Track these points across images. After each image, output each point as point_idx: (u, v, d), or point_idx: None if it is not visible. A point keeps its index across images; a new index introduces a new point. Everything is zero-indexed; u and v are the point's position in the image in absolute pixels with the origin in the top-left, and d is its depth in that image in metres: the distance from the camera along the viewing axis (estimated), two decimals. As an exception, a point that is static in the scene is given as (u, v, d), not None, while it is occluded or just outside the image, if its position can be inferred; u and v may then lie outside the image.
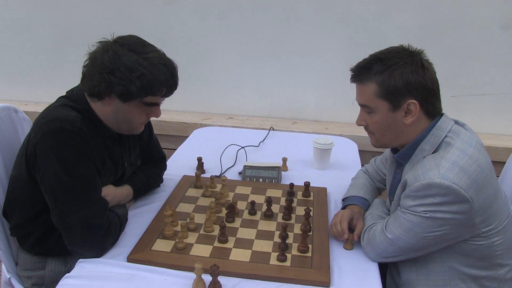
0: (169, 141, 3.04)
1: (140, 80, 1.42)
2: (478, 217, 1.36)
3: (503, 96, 2.85)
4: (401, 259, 1.50)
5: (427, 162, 1.40)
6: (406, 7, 2.77)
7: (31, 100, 3.28)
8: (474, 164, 1.36)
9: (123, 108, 1.49)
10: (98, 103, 1.50)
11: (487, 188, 1.37)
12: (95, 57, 1.45)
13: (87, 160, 1.45)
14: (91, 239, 1.43)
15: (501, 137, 2.89)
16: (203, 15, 3.00)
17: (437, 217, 1.35)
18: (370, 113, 1.50)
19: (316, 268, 1.42)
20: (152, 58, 1.45)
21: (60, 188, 1.41)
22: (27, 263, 1.62)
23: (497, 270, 1.47)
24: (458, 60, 2.83)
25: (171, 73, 1.49)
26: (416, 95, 1.42)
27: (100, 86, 1.44)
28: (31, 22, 3.19)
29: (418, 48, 1.49)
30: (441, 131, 1.45)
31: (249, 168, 2.04)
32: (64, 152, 1.40)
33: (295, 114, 3.17)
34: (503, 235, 1.45)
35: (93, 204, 1.44)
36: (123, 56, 1.42)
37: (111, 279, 1.36)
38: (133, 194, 1.74)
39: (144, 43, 1.50)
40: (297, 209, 1.77)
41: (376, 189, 1.87)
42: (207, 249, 1.50)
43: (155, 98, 1.50)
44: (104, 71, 1.42)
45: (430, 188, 1.34)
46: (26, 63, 3.29)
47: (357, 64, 1.51)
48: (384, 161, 1.85)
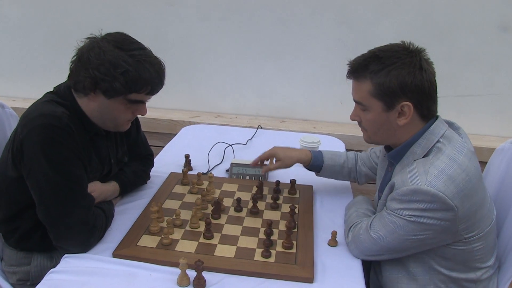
0: (158, 139, 3.04)
1: (124, 76, 1.42)
2: (462, 224, 1.37)
3: (487, 97, 2.89)
4: (383, 258, 1.52)
5: (416, 166, 1.40)
6: (397, 10, 2.80)
7: (19, 96, 3.27)
8: (463, 173, 1.35)
9: (108, 105, 1.49)
10: (84, 99, 1.50)
11: (473, 197, 1.38)
12: (82, 53, 1.46)
13: (73, 157, 1.45)
14: (76, 235, 1.44)
15: (485, 137, 2.93)
16: (193, 16, 3.01)
17: (421, 222, 1.36)
18: (364, 110, 1.50)
19: (300, 265, 1.43)
20: (138, 56, 1.45)
21: (46, 183, 1.41)
22: (12, 259, 1.62)
23: (475, 272, 1.49)
24: (443, 62, 2.85)
25: (157, 71, 1.49)
26: (411, 97, 1.41)
27: (85, 82, 1.44)
28: (22, 19, 3.18)
29: (420, 46, 1.46)
30: (434, 136, 1.44)
31: (236, 166, 2.05)
32: (50, 148, 1.40)
33: (284, 113, 3.18)
34: (484, 241, 1.46)
35: (78, 200, 1.44)
36: (109, 52, 1.42)
37: (97, 274, 1.37)
38: (120, 191, 1.74)
39: (131, 40, 1.50)
40: (283, 206, 1.79)
41: (347, 169, 1.90)
42: (192, 245, 1.51)
43: (139, 95, 1.50)
44: (90, 67, 1.42)
45: (417, 194, 1.34)
46: (15, 59, 3.28)
47: (355, 59, 1.49)
48: (377, 152, 1.87)
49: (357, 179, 1.94)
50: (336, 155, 1.91)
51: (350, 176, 1.94)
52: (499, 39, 2.76)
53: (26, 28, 3.19)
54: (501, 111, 2.92)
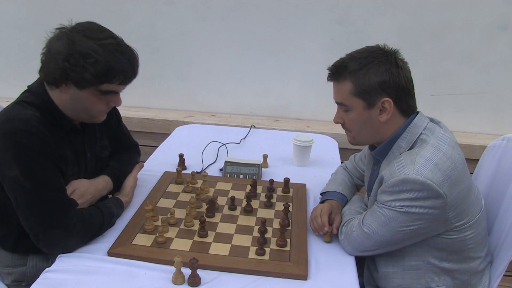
0: (152, 139, 3.04)
1: (94, 67, 1.38)
2: (452, 212, 1.41)
3: (479, 95, 2.91)
4: (377, 253, 1.54)
5: (402, 158, 1.44)
6: (392, 9, 2.81)
7: (12, 97, 3.22)
8: (448, 161, 1.40)
9: (80, 96, 1.45)
10: (56, 91, 1.47)
11: (460, 184, 1.41)
12: (51, 44, 1.43)
13: (45, 160, 1.42)
14: (53, 239, 1.42)
15: (478, 135, 2.95)
16: (192, 16, 3.01)
17: (412, 212, 1.39)
18: (346, 111, 1.53)
19: (294, 262, 1.45)
20: (109, 45, 1.41)
21: (19, 190, 1.39)
22: (8, 260, 1.61)
23: (468, 263, 1.52)
24: (437, 60, 2.88)
25: (129, 60, 1.46)
26: (390, 93, 1.45)
27: (55, 73, 1.40)
28: (16, 18, 3.16)
29: (394, 48, 1.52)
30: (417, 129, 1.48)
31: (230, 164, 2.06)
32: (20, 153, 1.38)
33: (277, 112, 3.19)
34: (475, 229, 1.50)
35: (53, 205, 1.41)
36: (78, 42, 1.39)
37: (92, 273, 1.37)
38: (112, 182, 1.72)
39: (101, 29, 1.46)
40: (277, 204, 1.80)
41: (355, 185, 1.90)
42: (187, 243, 1.52)
43: (112, 86, 1.46)
44: (59, 58, 1.39)
45: (405, 183, 1.38)
46: (9, 59, 3.26)
47: (334, 63, 1.54)
48: (363, 158, 1.88)
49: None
50: (342, 184, 1.83)
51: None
52: (494, 38, 2.78)
53: (20, 28, 3.18)
54: (494, 109, 2.94)
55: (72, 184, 1.56)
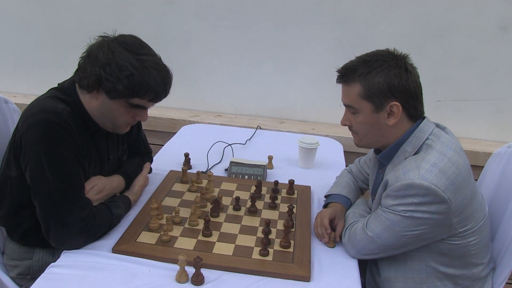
0: (157, 137, 3.05)
1: (128, 79, 1.42)
2: (456, 217, 1.41)
3: (485, 102, 2.90)
4: (380, 257, 1.54)
5: (408, 163, 1.44)
6: (395, 11, 2.81)
7: (20, 92, 3.27)
8: (453, 166, 1.40)
9: (109, 105, 1.49)
10: (87, 96, 1.51)
11: (464, 190, 1.42)
12: (92, 50, 1.47)
13: (70, 155, 1.45)
14: (64, 235, 1.44)
15: (482, 142, 2.94)
16: (197, 16, 3.02)
17: (416, 217, 1.39)
18: (354, 113, 1.54)
19: (297, 263, 1.45)
20: (146, 61, 1.45)
21: (41, 181, 1.41)
22: (14, 253, 1.63)
23: (471, 269, 1.52)
24: (444, 66, 2.87)
25: (163, 79, 1.49)
26: (399, 97, 1.46)
27: (90, 79, 1.44)
28: (22, 15, 3.18)
29: (404, 52, 1.52)
30: (423, 134, 1.49)
31: (235, 165, 2.06)
32: (48, 146, 1.41)
33: (283, 114, 3.19)
34: (478, 235, 1.50)
35: (70, 202, 1.44)
36: (118, 53, 1.43)
37: (96, 269, 1.38)
38: (124, 183, 1.74)
39: (142, 45, 1.50)
40: (281, 206, 1.80)
41: (359, 189, 1.91)
42: (191, 242, 1.53)
43: (142, 101, 1.50)
44: (96, 65, 1.43)
45: (410, 188, 1.38)
46: (16, 55, 3.28)
47: (344, 66, 1.55)
48: (368, 161, 1.89)
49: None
50: (346, 188, 1.84)
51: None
52: (498, 41, 2.77)
53: (26, 24, 3.20)
54: (498, 116, 2.93)
55: (91, 180, 1.59)
